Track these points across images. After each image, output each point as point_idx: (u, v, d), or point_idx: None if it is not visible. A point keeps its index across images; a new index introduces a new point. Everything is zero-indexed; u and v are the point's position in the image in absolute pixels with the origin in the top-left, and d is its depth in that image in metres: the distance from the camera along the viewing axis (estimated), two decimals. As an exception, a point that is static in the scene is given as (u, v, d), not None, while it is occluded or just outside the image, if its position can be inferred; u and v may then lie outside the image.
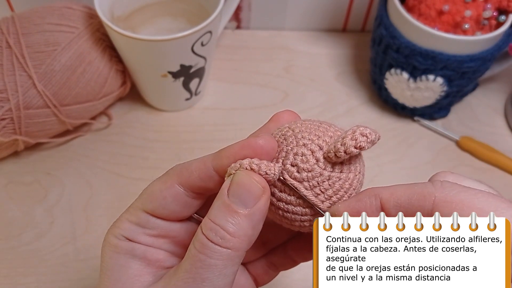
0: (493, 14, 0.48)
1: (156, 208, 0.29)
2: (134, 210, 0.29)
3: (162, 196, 0.28)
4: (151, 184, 0.29)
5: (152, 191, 0.29)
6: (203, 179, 0.28)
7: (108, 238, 0.29)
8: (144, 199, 0.29)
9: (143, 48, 0.47)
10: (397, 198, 0.24)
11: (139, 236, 0.29)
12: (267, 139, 0.27)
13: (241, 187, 0.26)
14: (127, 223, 0.29)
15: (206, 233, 0.25)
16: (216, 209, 0.26)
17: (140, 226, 0.29)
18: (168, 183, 0.28)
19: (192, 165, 0.28)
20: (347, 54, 0.63)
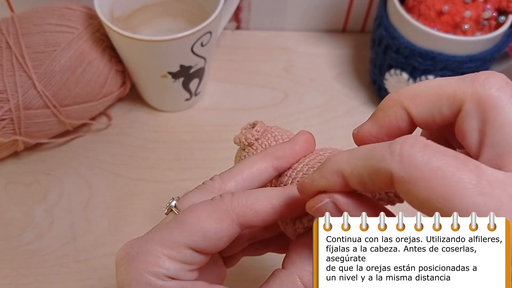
0: (492, 15, 0.48)
1: (208, 247, 0.26)
2: (176, 246, 0.26)
3: (218, 237, 0.26)
4: (198, 218, 0.26)
5: (205, 230, 0.26)
6: (267, 222, 0.27)
7: (146, 279, 0.25)
8: (193, 236, 0.26)
9: (143, 49, 0.47)
10: (358, 175, 0.23)
11: (184, 274, 0.26)
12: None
13: None
14: (169, 261, 0.26)
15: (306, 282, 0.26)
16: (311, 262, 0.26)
17: (184, 263, 0.26)
18: (226, 222, 0.26)
19: (255, 205, 0.26)
20: (347, 55, 0.63)
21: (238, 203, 0.27)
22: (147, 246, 0.26)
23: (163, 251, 0.26)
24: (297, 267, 0.26)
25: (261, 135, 0.33)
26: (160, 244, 0.26)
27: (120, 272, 0.26)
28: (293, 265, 0.26)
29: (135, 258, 0.26)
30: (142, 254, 0.26)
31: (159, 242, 0.26)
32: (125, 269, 0.26)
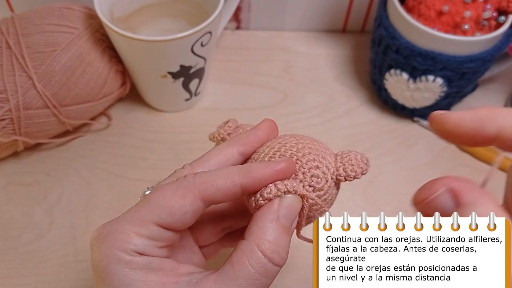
0: (492, 15, 0.48)
1: (174, 222, 0.28)
2: (143, 223, 0.28)
3: (182, 212, 0.28)
4: (163, 196, 0.28)
5: (170, 206, 0.28)
6: (228, 196, 0.29)
7: (115, 254, 0.27)
8: (158, 213, 0.28)
9: (143, 49, 0.47)
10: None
11: (152, 250, 0.28)
12: (292, 165, 0.30)
13: (291, 210, 0.29)
14: (137, 237, 0.27)
15: (271, 256, 0.27)
16: (273, 231, 0.28)
17: (152, 239, 0.28)
18: (189, 198, 0.28)
19: (216, 181, 0.28)
20: (347, 55, 0.63)
21: (199, 180, 0.28)
22: (117, 225, 0.28)
23: (132, 228, 0.27)
24: (255, 236, 0.27)
25: (233, 130, 0.35)
26: (128, 222, 0.28)
27: (93, 251, 0.28)
28: (251, 235, 0.28)
29: (106, 236, 0.28)
30: (113, 233, 0.28)
31: (127, 220, 0.28)
32: (97, 247, 0.28)
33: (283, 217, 0.28)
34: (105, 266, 0.27)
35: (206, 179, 0.28)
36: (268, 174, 0.29)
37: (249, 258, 0.27)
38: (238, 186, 0.28)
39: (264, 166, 0.29)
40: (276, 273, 0.28)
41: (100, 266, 0.27)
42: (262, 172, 0.29)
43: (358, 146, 0.55)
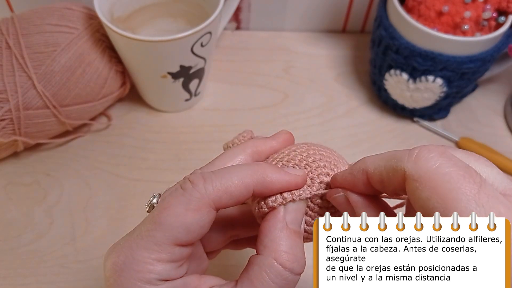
0: (492, 15, 0.48)
1: (193, 239, 0.26)
2: (161, 247, 0.26)
3: (200, 226, 0.26)
4: (175, 214, 0.26)
5: (185, 224, 0.26)
6: (240, 202, 0.28)
7: (136, 286, 0.25)
8: (175, 234, 0.26)
9: (143, 49, 0.47)
10: (379, 173, 0.25)
11: (175, 272, 0.27)
12: (305, 177, 0.29)
13: (297, 213, 0.28)
14: (159, 264, 0.26)
15: (292, 267, 0.27)
16: (286, 240, 0.27)
17: (174, 262, 0.26)
18: (204, 210, 0.26)
19: (230, 187, 0.27)
20: (347, 55, 0.63)
21: (212, 188, 0.26)
22: (133, 254, 0.26)
23: (151, 255, 0.25)
24: (271, 249, 0.27)
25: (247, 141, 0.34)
26: (145, 249, 0.26)
27: (109, 284, 0.26)
28: (266, 249, 0.27)
29: (123, 268, 0.26)
30: (130, 263, 0.25)
31: (143, 247, 0.26)
32: (115, 280, 0.26)
33: (291, 222, 0.28)
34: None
35: (219, 186, 0.27)
36: (282, 184, 0.28)
37: (269, 273, 0.26)
38: (251, 192, 0.27)
39: (280, 176, 0.28)
40: (296, 282, 0.27)
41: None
42: (277, 181, 0.28)
43: (358, 146, 0.55)
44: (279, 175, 0.28)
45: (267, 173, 0.28)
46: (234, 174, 0.27)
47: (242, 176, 0.27)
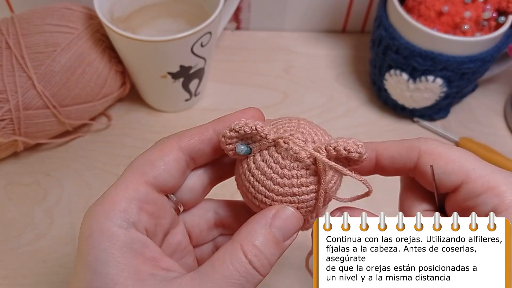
0: (492, 15, 0.48)
1: (159, 175, 0.28)
2: (129, 183, 0.27)
3: (164, 162, 0.28)
4: (143, 156, 0.29)
5: (151, 160, 0.28)
6: (203, 141, 0.29)
7: (100, 223, 0.26)
8: (142, 170, 0.28)
9: (143, 49, 0.47)
10: (390, 151, 0.30)
11: (138, 216, 0.27)
12: (260, 112, 0.30)
13: (287, 224, 0.27)
14: (124, 202, 0.26)
15: (251, 259, 0.26)
16: (261, 236, 0.27)
17: (139, 201, 0.27)
18: (167, 149, 0.29)
19: (190, 130, 0.29)
20: (347, 55, 0.63)
21: (175, 134, 0.30)
22: (104, 196, 0.27)
23: (118, 192, 0.27)
24: (241, 236, 0.27)
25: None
26: (115, 188, 0.27)
27: (81, 224, 0.27)
28: (238, 235, 0.27)
29: (93, 207, 0.27)
30: (99, 202, 0.27)
31: (114, 187, 0.28)
32: (85, 219, 0.27)
33: (276, 227, 0.27)
34: (87, 237, 0.26)
35: (180, 133, 0.29)
36: (238, 115, 0.29)
37: (231, 256, 0.26)
38: (211, 130, 0.29)
39: (234, 113, 0.30)
40: (257, 281, 0.26)
41: (82, 238, 0.26)
42: (233, 117, 0.29)
43: (358, 146, 0.55)
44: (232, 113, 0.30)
45: (222, 116, 0.30)
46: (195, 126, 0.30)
47: (202, 124, 0.30)
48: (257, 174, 0.28)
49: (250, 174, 0.29)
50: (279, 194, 0.28)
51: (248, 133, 0.28)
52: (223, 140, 0.28)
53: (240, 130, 0.27)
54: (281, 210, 0.28)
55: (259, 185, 0.28)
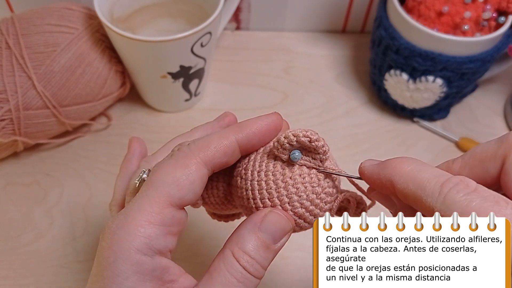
0: (492, 15, 0.48)
1: (185, 195, 0.27)
2: (153, 206, 0.26)
3: (190, 181, 0.27)
4: (165, 173, 0.27)
5: (176, 179, 0.26)
6: (228, 155, 0.28)
7: (125, 251, 0.25)
8: (167, 191, 0.26)
9: (143, 49, 0.47)
10: (405, 194, 0.25)
11: (163, 241, 0.26)
12: (279, 116, 0.29)
13: (275, 225, 0.27)
14: (150, 228, 0.25)
15: (245, 265, 0.26)
16: (251, 242, 0.27)
17: (165, 225, 0.26)
18: (192, 165, 0.27)
19: (212, 143, 0.28)
20: (347, 55, 0.63)
21: (195, 146, 0.28)
22: (126, 217, 0.26)
23: (143, 217, 0.25)
24: (231, 243, 0.27)
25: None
26: (138, 210, 0.26)
27: (101, 246, 0.26)
28: (229, 242, 0.27)
29: (115, 230, 0.26)
30: (122, 225, 0.26)
31: (137, 209, 0.26)
32: (106, 242, 0.26)
33: (264, 231, 0.27)
34: (111, 263, 0.25)
35: (201, 144, 0.28)
36: (260, 126, 0.29)
37: (226, 264, 0.26)
38: (234, 142, 0.28)
39: (255, 121, 0.29)
40: (256, 284, 0.27)
41: (105, 263, 0.25)
42: (255, 125, 0.29)
43: (358, 146, 0.55)
44: (253, 119, 0.29)
45: (241, 122, 0.29)
46: (214, 134, 0.29)
47: (221, 132, 0.28)
48: (281, 179, 0.28)
49: (271, 177, 0.29)
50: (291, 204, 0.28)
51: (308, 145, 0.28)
52: (279, 147, 0.28)
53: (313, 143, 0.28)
54: (269, 214, 0.28)
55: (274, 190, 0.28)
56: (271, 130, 0.29)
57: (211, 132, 0.31)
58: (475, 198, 0.22)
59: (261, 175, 0.29)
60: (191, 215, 0.30)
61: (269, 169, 0.29)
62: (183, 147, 0.28)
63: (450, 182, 0.23)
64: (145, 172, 0.30)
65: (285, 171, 0.29)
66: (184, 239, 0.47)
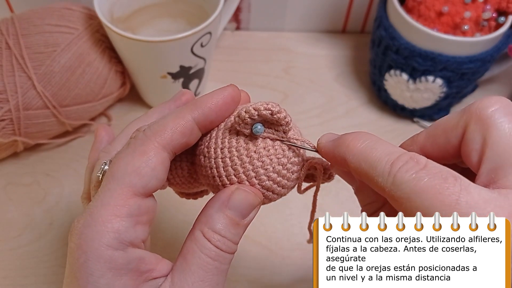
0: (492, 16, 0.48)
1: (148, 183, 0.26)
2: (117, 199, 0.25)
3: (151, 168, 0.26)
4: (124, 163, 0.26)
5: (136, 168, 0.26)
6: (185, 134, 0.27)
7: (95, 250, 0.24)
8: (128, 181, 0.25)
9: (143, 49, 0.47)
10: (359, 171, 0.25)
11: (133, 233, 0.26)
12: (236, 89, 0.29)
13: (243, 202, 0.27)
14: (117, 220, 0.25)
15: (217, 244, 0.27)
16: (219, 221, 0.27)
17: (132, 216, 0.25)
18: (150, 151, 0.26)
19: (168, 125, 0.27)
20: (347, 55, 0.63)
21: (151, 131, 0.27)
22: (91, 215, 0.25)
23: (108, 211, 0.25)
24: (200, 224, 0.27)
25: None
26: (102, 206, 0.25)
27: (70, 248, 0.26)
28: (198, 222, 0.27)
29: (83, 229, 0.25)
30: (89, 224, 0.25)
31: (100, 205, 0.25)
32: (75, 243, 0.25)
33: (232, 209, 0.27)
34: (83, 263, 0.25)
35: (156, 127, 0.27)
36: (216, 100, 0.28)
37: (198, 245, 0.26)
38: (191, 121, 0.27)
39: (210, 95, 0.28)
40: (230, 259, 0.27)
41: (77, 264, 0.25)
42: (211, 101, 0.28)
43: (358, 146, 0.55)
44: (209, 95, 0.28)
45: (197, 99, 0.28)
46: (169, 115, 0.27)
47: (176, 112, 0.27)
48: (246, 154, 0.28)
49: (234, 153, 0.28)
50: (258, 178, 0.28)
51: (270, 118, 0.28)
52: (240, 122, 0.27)
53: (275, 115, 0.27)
54: (236, 192, 0.27)
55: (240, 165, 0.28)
56: (228, 103, 0.28)
57: (167, 113, 0.29)
58: (423, 176, 0.22)
59: (224, 152, 0.28)
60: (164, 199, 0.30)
61: (232, 145, 0.28)
62: (139, 134, 0.27)
63: (400, 161, 0.24)
64: (106, 164, 0.29)
65: (249, 145, 0.28)
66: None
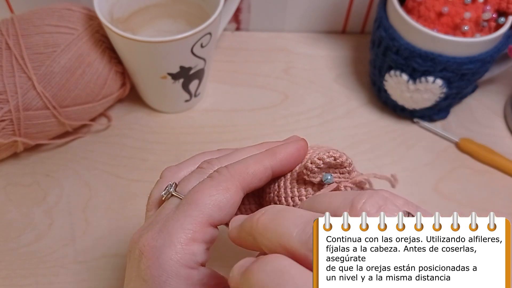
0: (492, 16, 0.48)
1: (224, 218, 0.29)
2: (197, 226, 0.28)
3: (230, 205, 0.29)
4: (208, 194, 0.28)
5: (218, 202, 0.28)
6: (263, 180, 0.31)
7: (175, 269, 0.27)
8: (210, 212, 0.28)
9: (143, 50, 0.47)
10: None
11: (205, 256, 0.28)
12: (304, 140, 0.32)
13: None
14: (194, 244, 0.27)
15: None
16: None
17: (206, 243, 0.28)
18: (232, 189, 0.29)
19: (250, 168, 0.30)
20: (347, 56, 0.63)
21: (234, 171, 0.30)
22: (171, 236, 0.27)
23: (187, 235, 0.27)
24: None
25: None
26: (181, 229, 0.27)
27: (147, 266, 0.27)
28: None
29: (162, 251, 0.27)
30: (169, 244, 0.27)
31: (180, 228, 0.27)
32: (153, 263, 0.27)
33: None
34: (164, 281, 0.27)
35: (241, 169, 0.30)
36: (291, 151, 0.31)
37: None
38: (269, 168, 0.30)
39: (286, 147, 0.31)
40: None
41: (158, 282, 0.27)
42: (286, 151, 0.31)
43: (357, 147, 0.55)
44: (284, 145, 0.31)
45: (273, 149, 0.31)
46: (250, 159, 0.31)
47: (257, 158, 0.31)
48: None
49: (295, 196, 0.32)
50: None
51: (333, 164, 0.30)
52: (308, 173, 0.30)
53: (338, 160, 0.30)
54: None
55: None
56: (301, 155, 0.31)
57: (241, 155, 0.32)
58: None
59: (295, 200, 0.31)
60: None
61: (301, 193, 0.31)
62: (223, 170, 0.30)
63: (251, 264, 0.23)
64: (172, 186, 0.31)
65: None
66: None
